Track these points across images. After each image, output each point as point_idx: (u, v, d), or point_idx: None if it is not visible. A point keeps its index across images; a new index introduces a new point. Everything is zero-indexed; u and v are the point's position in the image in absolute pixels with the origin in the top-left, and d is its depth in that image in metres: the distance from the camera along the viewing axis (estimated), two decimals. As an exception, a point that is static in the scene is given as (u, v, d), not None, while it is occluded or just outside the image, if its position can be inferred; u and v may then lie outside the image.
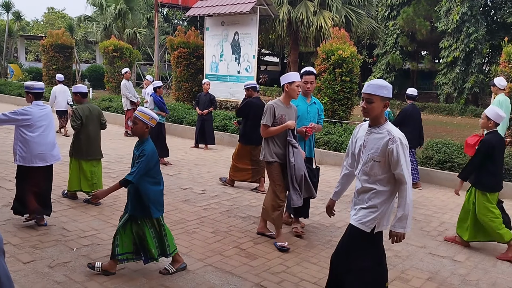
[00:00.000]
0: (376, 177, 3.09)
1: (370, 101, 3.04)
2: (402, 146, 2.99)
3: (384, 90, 3.02)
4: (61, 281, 3.86)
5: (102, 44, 18.53)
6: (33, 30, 39.82)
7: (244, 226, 5.49)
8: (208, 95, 10.58)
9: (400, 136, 3.02)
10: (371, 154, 3.07)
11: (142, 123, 3.96)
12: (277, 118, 4.71)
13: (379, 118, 3.09)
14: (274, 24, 17.66)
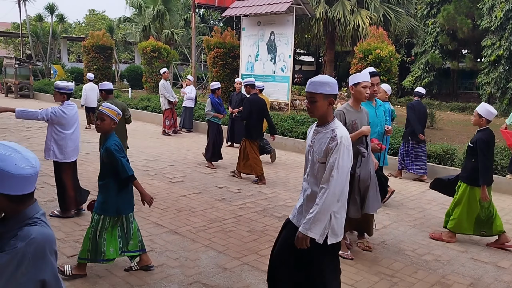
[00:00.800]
0: None
1: (313, 100, 2.83)
2: (341, 147, 2.74)
3: (327, 87, 2.80)
4: (102, 275, 3.98)
5: (140, 45, 18.97)
6: (75, 32, 41.21)
7: (280, 225, 5.47)
8: (239, 94, 10.64)
9: (344, 136, 2.78)
10: (317, 155, 2.86)
11: (110, 119, 3.86)
12: (348, 124, 4.22)
13: (326, 116, 2.88)
14: (310, 24, 17.55)
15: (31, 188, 1.61)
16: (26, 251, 1.51)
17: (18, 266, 1.50)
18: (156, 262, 4.27)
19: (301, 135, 10.56)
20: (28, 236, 1.54)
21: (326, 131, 2.85)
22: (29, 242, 1.52)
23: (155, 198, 6.38)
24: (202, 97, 18.86)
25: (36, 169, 1.60)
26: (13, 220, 1.62)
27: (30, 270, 1.53)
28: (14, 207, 1.61)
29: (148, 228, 5.18)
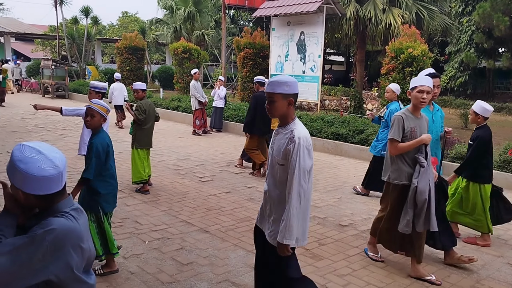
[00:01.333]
0: (282, 183, 2.78)
1: (272, 100, 2.77)
2: (300, 147, 2.68)
3: (285, 87, 2.73)
4: (134, 271, 4.08)
5: (172, 46, 19.26)
6: (108, 34, 42.20)
7: (309, 226, 5.46)
8: None
9: (302, 136, 2.71)
10: (276, 156, 2.81)
11: (99, 115, 3.92)
12: (406, 131, 3.98)
13: (286, 117, 2.81)
14: (340, 23, 17.36)
15: (58, 187, 1.67)
16: (44, 239, 1.57)
17: (35, 252, 1.56)
18: (186, 260, 4.34)
19: (331, 135, 10.48)
20: (49, 225, 1.60)
21: (286, 131, 2.80)
22: (48, 231, 1.58)
23: (186, 196, 6.48)
24: (231, 97, 18.97)
25: (60, 169, 1.65)
26: (45, 214, 1.70)
27: (47, 258, 1.58)
28: (43, 204, 1.70)
29: (178, 226, 5.27)
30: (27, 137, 10.61)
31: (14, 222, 1.70)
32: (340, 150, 10.11)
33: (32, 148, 1.64)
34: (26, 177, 1.60)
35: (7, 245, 1.56)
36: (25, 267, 1.55)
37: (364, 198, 6.81)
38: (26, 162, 1.60)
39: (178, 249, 4.61)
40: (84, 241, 1.72)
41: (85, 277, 1.75)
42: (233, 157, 9.44)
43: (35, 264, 1.56)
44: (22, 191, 1.64)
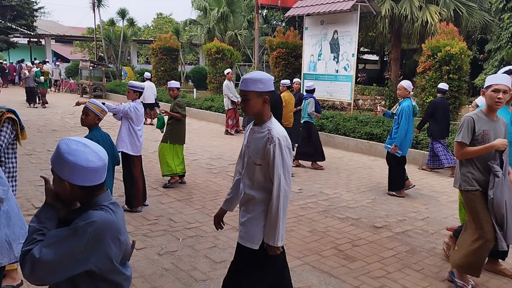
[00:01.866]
0: (259, 183, 2.72)
1: (246, 98, 2.68)
2: (280, 147, 2.62)
3: (259, 84, 2.64)
4: (168, 268, 4.15)
5: (205, 47, 19.45)
6: (143, 35, 43.09)
7: (342, 227, 5.41)
8: (297, 94, 10.64)
9: (280, 136, 2.64)
10: (253, 156, 2.72)
11: (94, 114, 4.08)
12: (477, 134, 3.63)
13: (262, 115, 2.72)
14: (375, 21, 17.06)
15: (101, 179, 1.76)
16: (85, 231, 1.64)
17: (77, 243, 1.63)
18: (219, 258, 4.38)
19: (364, 135, 10.32)
20: (90, 218, 1.66)
21: (262, 130, 2.71)
22: (89, 223, 1.65)
23: (218, 195, 6.54)
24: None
25: (105, 162, 1.74)
26: (86, 207, 1.77)
27: (88, 250, 1.65)
28: (86, 196, 1.77)
29: (211, 225, 5.31)
30: (66, 136, 10.93)
31: (55, 215, 1.78)
32: (374, 150, 9.95)
33: (78, 141, 1.73)
34: (74, 168, 1.68)
35: (51, 237, 1.64)
36: (68, 258, 1.62)
37: (399, 199, 6.67)
38: (74, 154, 1.68)
39: (211, 247, 4.65)
40: (122, 234, 1.78)
41: (123, 269, 1.81)
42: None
43: (77, 254, 1.63)
44: (68, 182, 1.71)
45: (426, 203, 6.53)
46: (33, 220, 1.76)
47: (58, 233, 1.65)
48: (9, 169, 3.52)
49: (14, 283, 3.65)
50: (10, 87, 26.78)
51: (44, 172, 7.40)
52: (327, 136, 11.09)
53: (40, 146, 9.60)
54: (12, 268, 3.62)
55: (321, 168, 8.55)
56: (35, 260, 1.60)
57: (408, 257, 4.58)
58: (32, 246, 1.65)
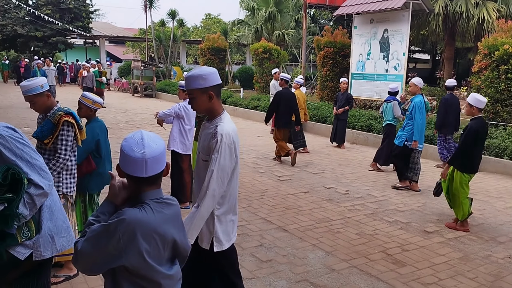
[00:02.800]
0: None
1: (192, 97, 2.64)
2: (221, 144, 2.54)
3: (200, 80, 2.57)
4: (216, 264, 4.20)
5: (253, 46, 19.57)
6: (192, 35, 43.93)
7: (391, 231, 5.28)
8: (345, 93, 10.58)
9: (224, 133, 2.57)
10: (201, 152, 2.68)
11: (86, 107, 4.21)
12: None
13: (212, 111, 2.67)
14: (427, 19, 16.53)
15: (141, 173, 1.77)
16: (116, 228, 1.70)
17: (110, 240, 1.70)
18: (265, 257, 4.40)
19: (415, 137, 10.00)
20: (120, 216, 1.72)
21: (211, 126, 2.68)
22: (119, 221, 1.71)
23: (264, 194, 6.56)
24: (310, 96, 18.87)
25: (145, 157, 1.76)
26: (133, 202, 1.84)
27: (121, 246, 1.70)
28: (134, 188, 1.84)
29: (257, 223, 5.35)
30: (119, 133, 11.39)
31: (112, 210, 1.86)
32: (426, 152, 9.62)
33: (141, 133, 1.82)
34: (121, 152, 1.79)
35: (91, 231, 1.74)
36: (102, 252, 1.71)
37: (451, 204, 6.41)
38: (127, 141, 1.80)
39: (258, 246, 4.68)
40: (161, 232, 1.78)
41: (163, 267, 1.82)
42: (311, 157, 9.38)
43: (111, 250, 1.70)
44: (119, 166, 1.82)
45: (481, 209, 6.25)
46: (92, 214, 1.86)
47: (96, 228, 1.74)
48: (68, 167, 3.70)
49: (70, 273, 3.83)
50: (67, 86, 28.10)
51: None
52: (376, 138, 10.86)
53: (95, 142, 10.02)
54: (69, 260, 3.80)
55: (381, 170, 8.39)
56: (77, 252, 1.73)
57: (461, 264, 4.41)
58: (81, 238, 1.76)
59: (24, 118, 13.32)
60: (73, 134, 3.62)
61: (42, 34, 31.77)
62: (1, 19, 32.03)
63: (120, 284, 1.78)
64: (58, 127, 3.52)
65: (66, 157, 3.55)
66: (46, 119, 3.59)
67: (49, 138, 3.53)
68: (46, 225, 2.39)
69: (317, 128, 12.69)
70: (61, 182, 3.66)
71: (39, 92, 3.52)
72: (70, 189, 3.74)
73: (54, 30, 31.66)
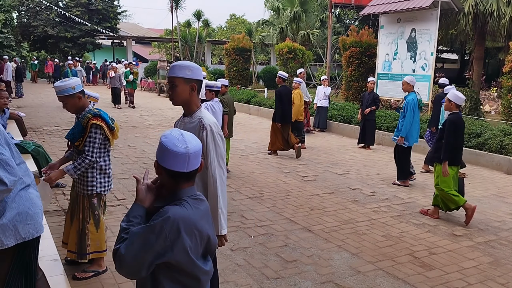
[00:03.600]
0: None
1: (173, 85, 2.62)
2: (212, 134, 2.64)
3: (187, 71, 2.59)
4: (241, 264, 4.23)
5: (277, 46, 19.57)
6: (217, 36, 44.21)
7: (418, 233, 5.19)
8: (371, 93, 10.45)
9: (211, 123, 2.67)
10: None
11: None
12: None
13: (190, 104, 2.69)
14: (457, 18, 16.17)
15: (183, 168, 1.83)
16: (162, 227, 1.73)
17: (157, 239, 1.72)
18: (290, 258, 4.39)
19: (443, 138, 9.80)
20: (165, 214, 1.75)
21: (193, 120, 2.69)
22: (164, 220, 1.74)
23: (289, 195, 6.55)
24: (335, 97, 18.73)
25: (188, 151, 1.82)
26: (170, 199, 1.87)
27: (167, 244, 1.73)
28: (171, 184, 1.86)
29: (282, 224, 5.34)
30: (145, 132, 11.56)
31: (143, 213, 1.89)
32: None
33: (178, 131, 1.90)
34: (162, 148, 1.83)
35: (133, 235, 1.76)
36: (150, 253, 1.73)
37: (481, 207, 6.26)
38: (167, 137, 1.85)
39: (282, 246, 4.68)
40: (199, 228, 1.84)
41: (201, 262, 1.87)
42: (336, 158, 9.31)
43: (158, 249, 1.73)
44: (158, 162, 1.85)
45: (511, 213, 6.09)
46: (123, 220, 1.88)
47: (139, 230, 1.76)
48: (101, 167, 3.77)
49: (99, 269, 3.91)
50: (96, 86, 28.67)
51: (125, 167, 7.85)
52: (402, 138, 10.68)
53: (122, 141, 10.19)
54: (99, 257, 3.89)
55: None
56: (121, 257, 1.74)
57: (492, 269, 4.30)
58: (120, 244, 1.77)
59: (53, 117, 13.67)
60: (102, 136, 3.68)
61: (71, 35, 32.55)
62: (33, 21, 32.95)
63: (160, 282, 1.82)
64: (87, 129, 3.60)
65: (92, 159, 3.61)
66: (77, 122, 3.68)
67: (79, 141, 3.62)
68: (7, 215, 2.41)
69: (342, 128, 12.58)
70: (95, 182, 3.73)
71: (70, 94, 3.60)
72: (104, 189, 3.82)
73: (83, 31, 32.38)
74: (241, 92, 18.99)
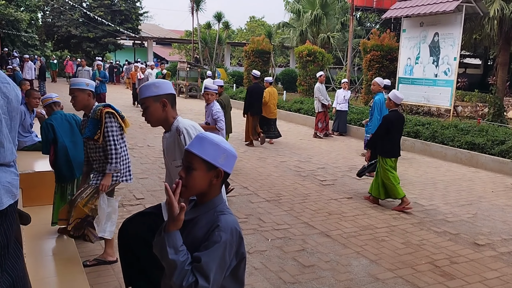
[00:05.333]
0: None
1: (145, 106, 2.62)
2: (190, 136, 2.59)
3: (153, 88, 2.58)
4: (258, 267, 4.20)
5: (297, 49, 19.50)
6: (237, 38, 44.35)
7: (439, 241, 5.08)
8: None
9: (187, 126, 2.62)
10: (172, 161, 2.67)
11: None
12: None
13: (167, 120, 2.65)
14: (481, 23, 15.85)
15: (231, 169, 1.85)
16: (232, 241, 1.73)
17: (230, 253, 1.73)
18: (308, 262, 4.34)
19: (464, 144, 9.62)
20: (228, 228, 1.73)
21: (171, 132, 2.68)
22: (230, 233, 1.73)
23: (307, 198, 6.49)
24: (354, 100, 18.57)
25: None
26: (204, 206, 1.83)
27: (234, 251, 1.75)
28: (217, 190, 1.83)
29: (300, 228, 5.30)
30: (164, 133, 11.62)
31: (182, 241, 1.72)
32: (476, 161, 9.23)
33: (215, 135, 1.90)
34: (227, 154, 1.80)
35: (208, 262, 1.66)
36: (224, 270, 1.74)
37: (505, 217, 6.10)
38: (223, 141, 1.82)
39: (300, 250, 4.63)
40: None
41: None
42: (355, 162, 9.21)
43: (227, 258, 1.73)
44: (223, 170, 1.79)
45: (537, 223, 5.91)
46: (170, 253, 1.65)
47: (211, 256, 1.67)
48: (123, 157, 3.84)
49: (107, 258, 3.96)
50: (118, 85, 29.03)
51: (144, 166, 7.90)
52: (423, 144, 10.52)
53: (141, 141, 10.28)
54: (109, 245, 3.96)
55: None
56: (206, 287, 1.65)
57: (516, 281, 4.17)
58: (191, 278, 1.64)
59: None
60: (117, 124, 3.76)
61: (94, 35, 33.06)
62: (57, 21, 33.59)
63: None
64: (102, 120, 3.68)
65: (118, 147, 3.70)
66: (89, 119, 3.75)
67: (98, 134, 3.69)
68: None
69: (361, 132, 12.41)
70: (119, 172, 3.80)
71: (82, 88, 3.72)
72: (127, 177, 3.93)
73: (105, 32, 32.87)
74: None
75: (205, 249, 1.67)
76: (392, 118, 6.19)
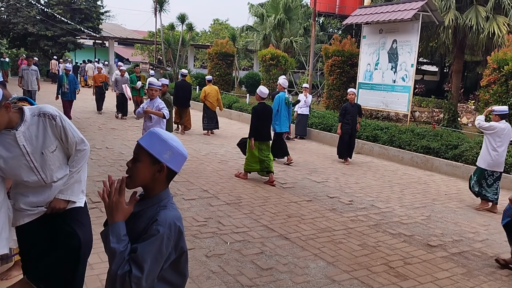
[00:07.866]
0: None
1: None
2: (61, 121, 2.86)
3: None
4: (215, 271, 4.16)
5: (260, 53, 19.61)
6: (201, 40, 44.06)
7: (394, 243, 5.22)
8: (355, 105, 9.91)
9: (49, 111, 2.81)
10: (44, 150, 2.89)
11: None
12: None
13: (11, 122, 2.73)
14: (437, 31, 16.47)
15: (179, 169, 1.89)
16: (170, 235, 1.77)
17: (168, 245, 1.78)
18: (266, 265, 4.34)
19: (420, 148, 9.94)
20: (165, 222, 1.77)
21: (31, 121, 2.80)
22: (169, 227, 1.77)
23: (267, 201, 6.51)
24: (316, 105, 18.84)
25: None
26: (150, 200, 1.87)
27: (172, 245, 1.80)
28: (163, 186, 1.86)
29: (259, 231, 5.30)
30: (124, 134, 11.38)
31: (125, 227, 1.81)
32: (431, 165, 9.56)
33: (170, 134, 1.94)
34: (175, 151, 1.84)
35: (143, 254, 1.72)
36: (160, 263, 1.78)
37: (456, 218, 6.35)
38: (175, 141, 1.87)
39: (258, 253, 4.63)
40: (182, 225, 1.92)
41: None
42: (315, 165, 9.33)
43: (166, 254, 1.79)
44: (166, 166, 1.83)
45: (486, 224, 6.18)
46: (112, 242, 1.75)
47: (147, 247, 1.73)
48: None
49: None
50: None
51: (102, 169, 7.70)
52: (381, 148, 10.80)
53: (100, 143, 10.02)
54: None
55: None
56: (139, 279, 1.70)
57: (465, 280, 4.34)
58: (127, 267, 1.71)
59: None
60: None
61: (52, 34, 31.95)
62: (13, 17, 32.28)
63: None
64: None
65: None
66: None
67: None
68: None
69: (322, 136, 12.64)
70: None
71: None
72: None
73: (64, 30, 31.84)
74: (223, 97, 18.92)
75: (143, 241, 1.74)
76: (260, 109, 7.58)
